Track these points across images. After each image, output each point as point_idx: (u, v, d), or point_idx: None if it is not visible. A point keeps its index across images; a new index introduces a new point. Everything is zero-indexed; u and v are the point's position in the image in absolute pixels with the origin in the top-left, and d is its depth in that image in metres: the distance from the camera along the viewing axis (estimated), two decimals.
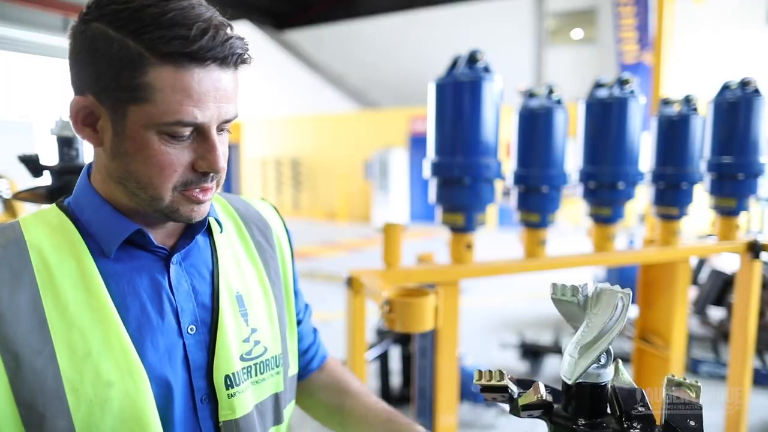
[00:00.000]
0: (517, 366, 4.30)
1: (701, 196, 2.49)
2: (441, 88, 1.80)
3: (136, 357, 0.68)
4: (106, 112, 0.66)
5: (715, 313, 4.57)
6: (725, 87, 2.39)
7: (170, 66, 0.62)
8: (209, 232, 0.81)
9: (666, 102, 2.37)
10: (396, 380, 3.73)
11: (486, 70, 1.79)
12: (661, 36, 5.75)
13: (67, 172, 1.53)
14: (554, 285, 0.70)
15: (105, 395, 0.65)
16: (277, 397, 0.84)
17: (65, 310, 0.66)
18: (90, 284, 0.68)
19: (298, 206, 16.15)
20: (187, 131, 0.66)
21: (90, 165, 0.76)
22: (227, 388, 0.75)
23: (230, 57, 0.66)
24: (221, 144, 0.70)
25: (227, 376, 0.75)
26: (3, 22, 10.95)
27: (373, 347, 3.47)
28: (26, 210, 4.70)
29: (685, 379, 0.64)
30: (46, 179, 1.57)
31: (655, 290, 2.51)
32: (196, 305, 0.75)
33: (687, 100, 2.32)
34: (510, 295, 6.57)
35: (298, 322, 0.96)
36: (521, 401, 0.68)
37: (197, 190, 0.70)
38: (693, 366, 4.12)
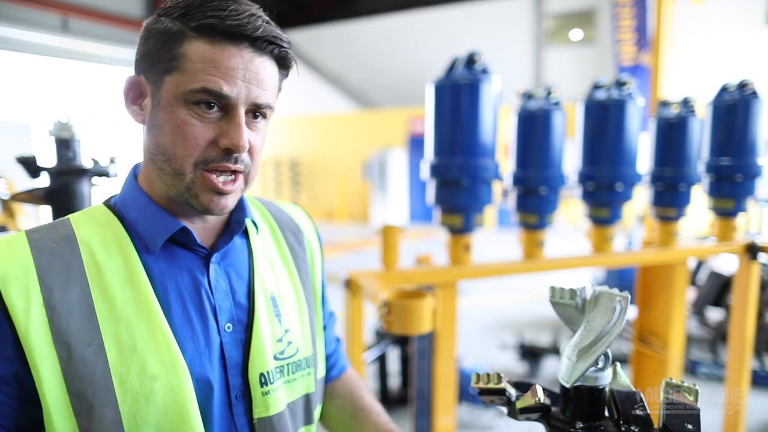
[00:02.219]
0: (516, 367, 4.29)
1: (699, 197, 2.50)
2: (439, 89, 1.80)
3: (179, 352, 0.70)
4: (149, 87, 0.71)
5: (714, 314, 4.57)
6: (723, 89, 2.39)
7: (205, 39, 0.67)
8: (246, 235, 0.84)
9: (664, 104, 2.38)
10: (395, 381, 3.72)
11: (484, 71, 1.79)
12: (660, 37, 5.75)
13: (64, 173, 1.52)
14: (552, 288, 0.70)
15: (150, 388, 0.68)
16: (308, 398, 0.85)
17: (113, 304, 0.68)
18: (136, 280, 0.70)
19: None
20: (213, 102, 0.68)
21: (137, 166, 0.79)
22: (262, 386, 0.77)
23: (263, 42, 0.69)
24: (255, 133, 0.73)
25: (262, 374, 0.77)
26: (1, 21, 10.92)
27: (371, 348, 3.47)
28: (24, 211, 4.69)
29: (683, 382, 0.64)
30: (44, 180, 1.57)
31: (654, 292, 2.51)
32: (233, 304, 0.77)
33: (685, 102, 2.32)
34: (509, 296, 6.57)
35: (323, 328, 0.97)
36: (519, 404, 0.68)
37: (220, 176, 0.71)
38: (691, 367, 4.12)
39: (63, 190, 1.53)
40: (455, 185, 1.81)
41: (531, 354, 4.12)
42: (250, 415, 0.76)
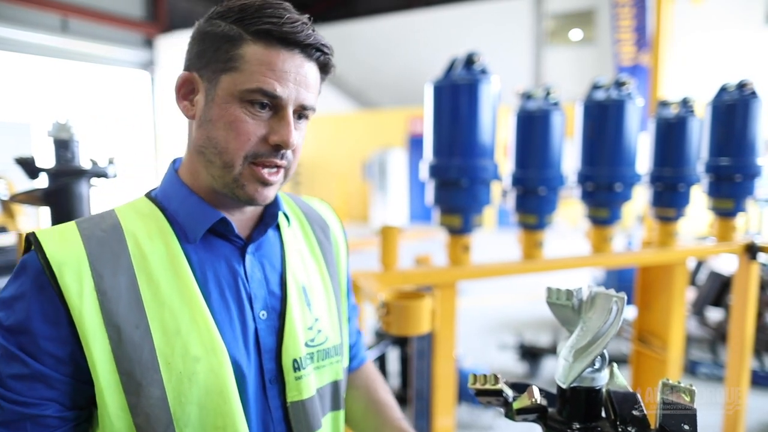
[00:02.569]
0: (516, 367, 4.29)
1: (699, 197, 2.50)
2: (438, 90, 1.80)
3: (219, 336, 0.74)
4: (203, 84, 0.76)
5: (714, 314, 4.57)
6: (723, 89, 2.39)
7: (261, 43, 0.73)
8: (278, 227, 0.89)
9: (664, 104, 2.37)
10: (395, 382, 3.72)
11: (483, 72, 1.79)
12: (659, 37, 5.75)
13: (63, 174, 1.52)
14: (549, 289, 0.70)
15: (192, 369, 0.72)
16: (336, 384, 0.90)
17: (157, 290, 0.73)
18: (178, 268, 0.75)
19: None
20: (266, 102, 0.73)
21: (176, 160, 0.84)
22: (294, 371, 0.81)
23: (312, 49, 0.75)
24: (298, 131, 0.78)
25: (294, 360, 0.81)
26: (1, 22, 10.92)
27: (371, 349, 3.47)
28: (24, 212, 4.68)
29: (680, 382, 0.64)
30: (42, 181, 1.56)
31: (653, 292, 2.51)
32: (267, 293, 0.82)
33: (684, 102, 2.32)
34: (509, 296, 6.56)
35: (348, 320, 1.02)
36: (515, 405, 0.68)
37: (265, 168, 0.75)
38: (691, 367, 4.12)
39: (61, 191, 1.53)
40: (454, 186, 1.81)
41: (531, 354, 4.12)
42: (283, 399, 0.81)
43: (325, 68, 0.80)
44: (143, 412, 0.70)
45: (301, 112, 0.78)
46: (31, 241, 0.72)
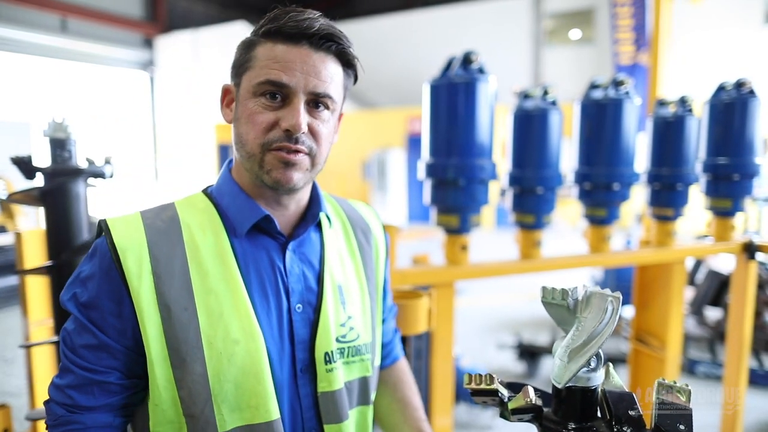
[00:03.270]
0: (515, 366, 4.29)
1: (697, 197, 2.49)
2: (435, 89, 1.80)
3: (257, 323, 0.81)
4: (235, 90, 0.84)
5: (712, 313, 4.57)
6: (721, 88, 2.39)
7: (270, 42, 0.80)
8: (320, 228, 0.94)
9: (661, 103, 2.37)
10: None
11: (480, 71, 1.78)
12: (658, 36, 5.75)
13: (59, 173, 1.52)
14: (544, 288, 0.69)
15: (232, 350, 0.79)
16: (365, 380, 0.94)
17: (206, 277, 0.80)
18: (225, 258, 0.82)
19: None
20: (276, 92, 0.79)
21: (231, 160, 0.91)
22: (326, 363, 0.86)
23: (319, 39, 0.79)
24: (319, 121, 0.82)
25: (326, 353, 0.86)
26: (0, 22, 10.90)
27: None
28: (24, 212, 4.67)
29: (675, 382, 0.64)
30: (39, 181, 1.56)
31: (651, 291, 2.51)
32: (304, 288, 0.87)
33: (682, 101, 2.31)
34: (507, 296, 6.56)
35: (383, 321, 1.07)
36: (511, 405, 0.68)
37: (284, 151, 0.80)
38: (690, 366, 4.12)
39: (58, 190, 1.52)
40: (451, 185, 1.81)
41: (529, 354, 4.12)
42: (313, 388, 0.86)
43: (343, 58, 0.84)
44: (186, 386, 0.78)
45: (319, 101, 0.82)
46: (102, 228, 0.82)
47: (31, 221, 4.83)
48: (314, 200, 0.92)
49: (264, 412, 0.80)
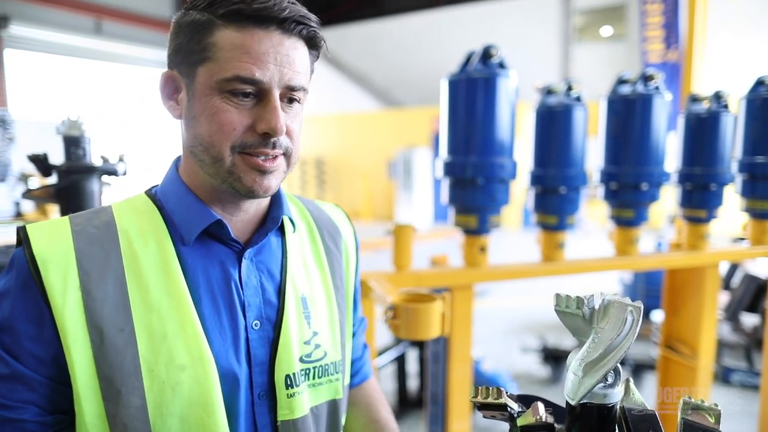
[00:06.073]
0: (539, 370, 4.20)
1: (732, 197, 2.38)
2: (454, 84, 1.75)
3: (207, 345, 0.70)
4: (183, 81, 0.71)
5: (749, 319, 4.40)
6: (759, 82, 2.27)
7: (233, 26, 0.67)
8: (282, 232, 0.83)
9: (695, 99, 2.26)
10: (413, 383, 3.68)
11: (501, 65, 1.72)
12: (693, 31, 5.56)
13: (73, 171, 1.52)
14: (558, 296, 0.65)
15: (177, 378, 0.68)
16: (335, 404, 0.84)
17: (146, 292, 0.69)
18: (169, 270, 0.71)
19: None
20: (248, 89, 0.68)
21: (179, 158, 0.80)
22: (287, 388, 0.76)
23: (291, 23, 0.68)
24: (291, 116, 0.72)
25: (288, 376, 0.76)
26: (35, 24, 11.26)
27: (390, 350, 3.43)
28: (56, 210, 4.79)
29: (703, 401, 0.58)
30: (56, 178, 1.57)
31: (682, 296, 2.40)
32: (262, 301, 0.77)
33: (717, 97, 2.20)
34: (532, 298, 6.44)
35: (353, 334, 0.96)
36: (519, 422, 0.64)
37: (259, 157, 0.70)
38: (724, 375, 3.96)
39: (72, 188, 1.52)
40: (470, 184, 1.75)
41: (554, 358, 4.02)
42: (273, 416, 0.76)
43: (312, 42, 0.73)
44: (121, 422, 0.66)
45: (291, 95, 0.71)
46: (20, 236, 0.69)
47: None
48: (275, 202, 0.81)
49: None
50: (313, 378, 0.80)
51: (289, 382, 0.76)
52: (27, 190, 1.68)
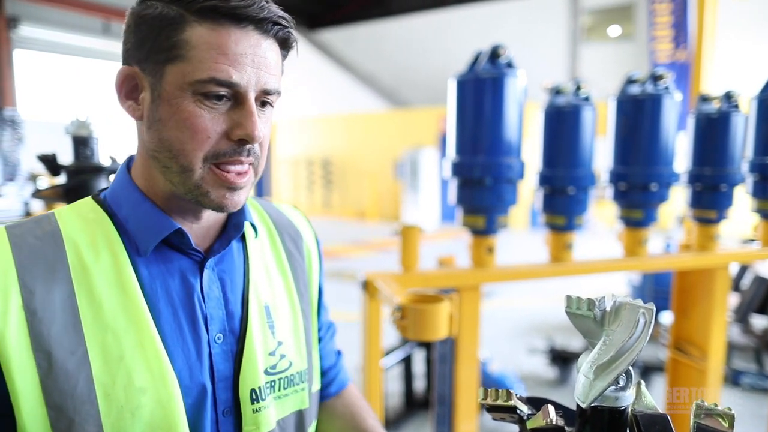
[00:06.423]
0: (546, 372, 4.18)
1: (743, 198, 2.35)
2: (461, 84, 1.74)
3: (168, 364, 0.65)
4: (147, 79, 0.65)
5: (759, 321, 4.35)
6: None
7: (207, 23, 0.62)
8: (243, 238, 0.78)
9: (704, 98, 2.24)
10: (420, 384, 3.67)
11: (509, 65, 1.71)
12: (702, 31, 5.51)
13: (81, 171, 1.53)
14: (568, 297, 0.64)
15: (137, 401, 0.62)
16: (301, 414, 0.80)
17: (99, 309, 0.63)
18: (125, 284, 0.65)
19: (328, 206, 16.23)
20: (223, 92, 0.63)
21: (130, 158, 0.73)
22: (252, 403, 0.72)
23: (268, 23, 0.64)
24: (263, 121, 0.67)
25: (253, 390, 0.72)
26: (44, 25, 11.35)
27: (397, 350, 3.42)
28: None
29: (716, 405, 0.57)
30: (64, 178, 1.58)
31: (692, 298, 2.38)
32: (225, 313, 0.72)
33: (728, 96, 2.18)
34: (540, 299, 6.42)
35: (319, 340, 0.92)
36: (529, 425, 0.63)
37: (230, 168, 0.66)
38: (734, 377, 3.93)
39: (80, 187, 1.53)
40: (477, 184, 1.74)
41: (561, 359, 4.00)
42: None
43: (285, 44, 0.69)
44: None
45: (264, 99, 0.67)
46: None
47: None
48: None
49: None
50: (279, 390, 0.76)
51: (254, 397, 0.72)
52: (36, 190, 1.69)
